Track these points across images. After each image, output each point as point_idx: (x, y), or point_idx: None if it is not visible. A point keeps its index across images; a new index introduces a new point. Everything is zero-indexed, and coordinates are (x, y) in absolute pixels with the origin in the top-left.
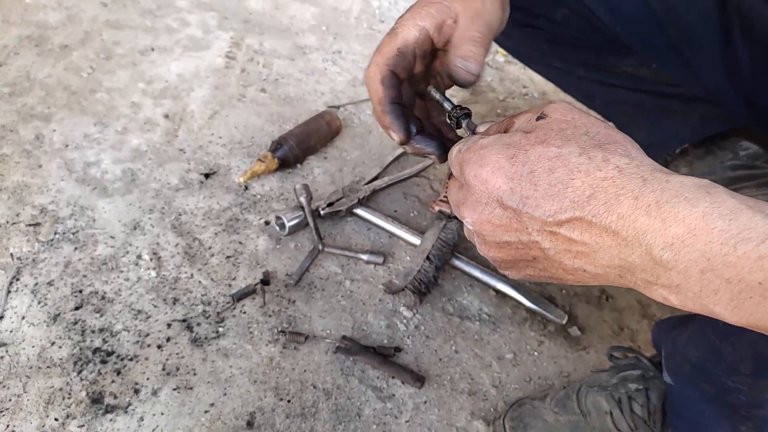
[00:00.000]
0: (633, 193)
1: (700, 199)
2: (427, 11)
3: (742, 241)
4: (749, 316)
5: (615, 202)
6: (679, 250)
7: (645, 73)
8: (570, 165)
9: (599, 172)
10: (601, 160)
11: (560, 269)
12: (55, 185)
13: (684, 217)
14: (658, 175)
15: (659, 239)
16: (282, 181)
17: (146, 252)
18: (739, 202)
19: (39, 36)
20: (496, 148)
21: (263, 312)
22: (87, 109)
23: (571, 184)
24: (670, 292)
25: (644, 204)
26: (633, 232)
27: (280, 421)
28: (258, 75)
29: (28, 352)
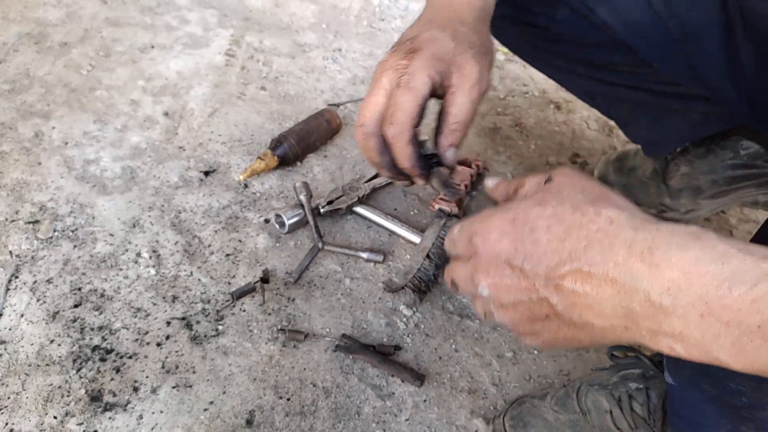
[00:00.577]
0: (626, 242)
1: (690, 244)
2: (433, 61)
3: (736, 284)
4: (753, 362)
5: (610, 252)
6: (676, 294)
7: (645, 72)
8: (565, 221)
9: (592, 225)
10: (593, 213)
11: (571, 326)
12: (55, 183)
13: (677, 261)
14: (648, 224)
15: (656, 284)
16: (282, 179)
17: (146, 250)
18: (729, 245)
19: (39, 33)
20: (499, 215)
21: (263, 310)
22: (86, 106)
23: (568, 238)
24: (675, 340)
25: (638, 251)
26: (630, 278)
27: (280, 419)
28: (258, 73)
29: (27, 350)
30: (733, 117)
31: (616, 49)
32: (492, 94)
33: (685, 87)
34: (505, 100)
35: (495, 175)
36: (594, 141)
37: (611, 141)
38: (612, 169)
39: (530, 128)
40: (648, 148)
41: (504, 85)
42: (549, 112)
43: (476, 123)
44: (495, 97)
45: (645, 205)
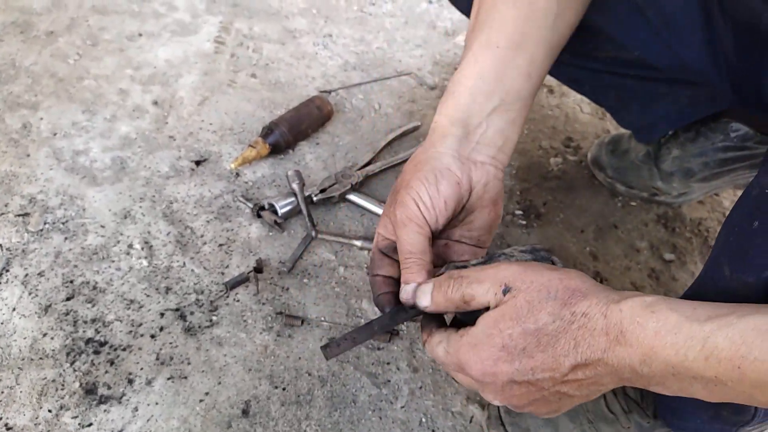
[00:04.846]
0: (603, 331)
1: (648, 320)
2: (446, 196)
3: (689, 349)
4: (722, 397)
5: (594, 343)
6: (650, 364)
7: (627, 57)
8: (550, 332)
9: (573, 326)
10: (569, 315)
11: (582, 397)
12: (44, 174)
13: (642, 339)
14: (613, 306)
15: (634, 359)
16: (274, 167)
17: (137, 241)
18: (679, 315)
19: (24, 22)
20: (486, 344)
21: (257, 300)
22: (74, 96)
23: (558, 345)
24: (662, 389)
25: (614, 336)
26: (616, 359)
27: (276, 408)
28: (248, 60)
29: (20, 344)
30: (720, 100)
31: (596, 36)
32: None
33: (669, 72)
34: None
35: None
36: (587, 124)
37: (604, 124)
38: (605, 151)
39: None
40: (639, 133)
41: None
42: (542, 96)
43: None
44: None
45: (637, 188)
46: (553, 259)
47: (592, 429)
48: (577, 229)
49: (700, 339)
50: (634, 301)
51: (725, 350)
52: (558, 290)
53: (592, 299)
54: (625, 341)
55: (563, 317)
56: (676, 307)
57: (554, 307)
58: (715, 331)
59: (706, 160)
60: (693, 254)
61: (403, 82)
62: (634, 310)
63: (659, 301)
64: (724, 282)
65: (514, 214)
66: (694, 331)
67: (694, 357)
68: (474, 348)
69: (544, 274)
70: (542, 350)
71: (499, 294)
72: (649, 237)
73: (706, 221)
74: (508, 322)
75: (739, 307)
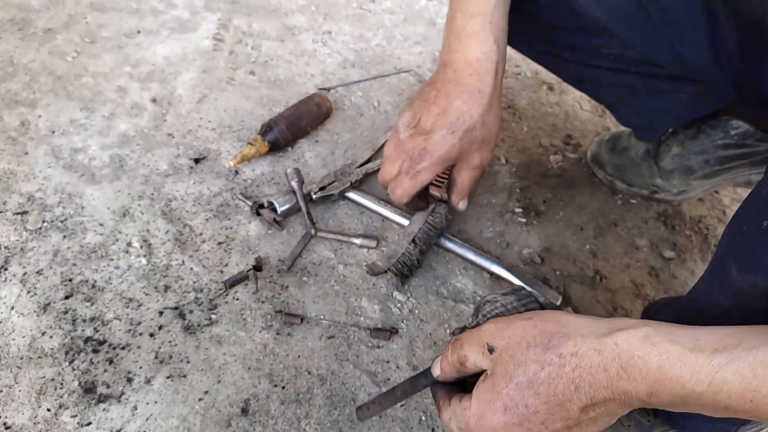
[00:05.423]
0: (601, 367)
1: (649, 354)
2: (439, 163)
3: (697, 383)
4: (736, 417)
5: (595, 382)
6: (657, 395)
7: (632, 55)
8: (543, 380)
9: (565, 369)
10: (557, 359)
11: (602, 429)
12: (42, 172)
13: (646, 373)
14: (605, 341)
15: (641, 392)
16: (273, 165)
17: (136, 239)
18: (682, 347)
19: (21, 19)
20: (489, 411)
21: (256, 298)
22: (73, 94)
23: (558, 391)
24: (675, 409)
25: (614, 373)
26: (621, 393)
27: (275, 407)
28: (247, 57)
29: (19, 343)
30: (721, 98)
31: (599, 33)
32: None
33: (671, 69)
34: None
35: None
36: (587, 122)
37: (604, 122)
38: (605, 149)
39: (523, 110)
40: (639, 131)
41: None
42: (542, 93)
43: None
44: None
45: (637, 186)
46: (535, 295)
47: None
48: (577, 226)
49: (708, 373)
50: (630, 334)
51: (736, 385)
52: (535, 337)
53: (576, 338)
54: (628, 376)
55: (551, 362)
56: (677, 339)
57: (537, 354)
58: (723, 366)
59: (706, 157)
60: (693, 252)
61: (403, 80)
62: (631, 343)
63: (655, 332)
64: (730, 282)
65: (513, 212)
66: (700, 364)
67: (703, 390)
68: (480, 419)
69: (518, 326)
70: (545, 401)
71: (486, 353)
72: (649, 235)
73: (706, 219)
74: (501, 383)
75: (742, 336)
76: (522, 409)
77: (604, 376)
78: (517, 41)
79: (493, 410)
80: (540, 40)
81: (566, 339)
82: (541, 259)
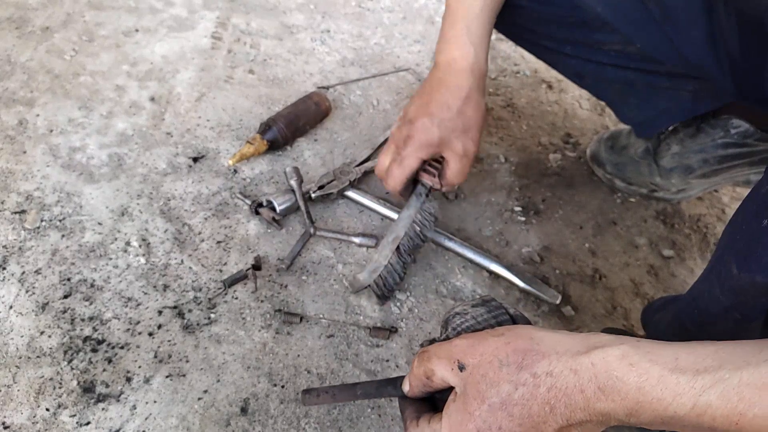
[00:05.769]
0: (578, 387)
1: (628, 375)
2: (422, 148)
3: (680, 406)
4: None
5: (571, 403)
6: (638, 416)
7: (632, 51)
8: (517, 401)
9: (540, 389)
10: (532, 378)
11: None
12: (41, 171)
13: (625, 394)
14: (582, 360)
15: (620, 413)
16: (272, 164)
17: (135, 238)
18: (661, 368)
19: (19, 17)
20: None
21: (255, 297)
22: (71, 92)
23: (533, 412)
24: (655, 428)
25: (591, 394)
26: (599, 415)
27: (275, 406)
28: (245, 56)
29: (17, 342)
30: (721, 95)
31: (600, 28)
32: None
33: (671, 65)
34: (496, 80)
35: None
36: (586, 120)
37: (603, 120)
38: (604, 147)
39: (522, 108)
40: (639, 128)
41: (495, 65)
42: (541, 92)
43: None
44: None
45: (636, 184)
46: (506, 307)
47: None
48: (576, 225)
49: (691, 396)
50: (606, 353)
51: (720, 408)
52: (507, 355)
53: (551, 357)
54: (606, 397)
55: (525, 382)
56: (656, 358)
57: (510, 374)
58: (707, 389)
59: (705, 156)
60: (692, 251)
61: (402, 78)
62: (608, 363)
63: (633, 350)
64: (731, 280)
65: (513, 211)
66: (682, 386)
67: (685, 413)
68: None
69: (490, 343)
70: (518, 423)
71: (455, 369)
72: (648, 233)
73: (705, 218)
74: (473, 403)
75: (724, 355)
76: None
77: (580, 398)
78: (519, 36)
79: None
80: (542, 35)
81: (540, 357)
82: (541, 257)
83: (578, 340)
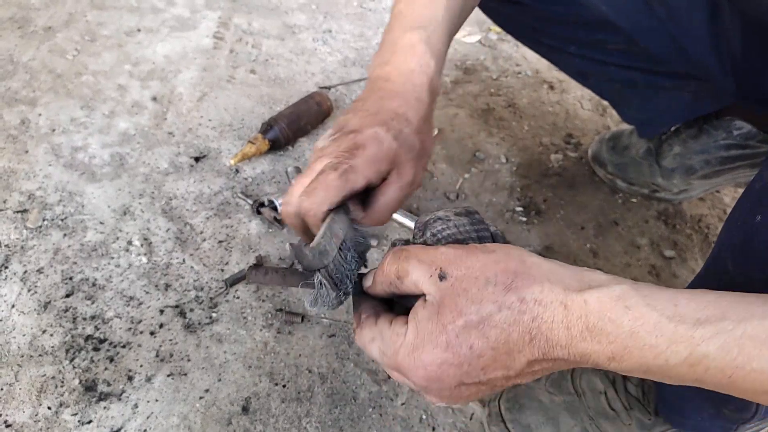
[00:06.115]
0: (564, 323)
1: (622, 318)
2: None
3: (673, 354)
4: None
5: (553, 338)
6: (620, 361)
7: (636, 50)
8: (497, 323)
9: (524, 316)
10: (518, 303)
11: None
12: (43, 171)
13: (614, 338)
14: (574, 297)
15: (601, 356)
16: (273, 164)
17: (137, 238)
18: (659, 314)
19: (22, 17)
20: (428, 344)
21: (257, 297)
22: (73, 92)
23: (510, 340)
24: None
25: (577, 332)
26: (578, 354)
27: (276, 405)
28: (247, 56)
29: (19, 341)
30: (723, 96)
31: (605, 28)
32: (485, 74)
33: (674, 66)
34: (498, 80)
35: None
36: (587, 121)
37: (605, 121)
38: (605, 148)
39: (523, 109)
40: (641, 128)
41: (497, 66)
42: (542, 92)
43: (469, 104)
44: (488, 78)
45: (638, 184)
46: (488, 224)
47: (593, 425)
48: (578, 225)
49: (687, 345)
50: (602, 293)
51: (717, 360)
52: (496, 274)
53: (544, 284)
54: (592, 338)
55: (510, 305)
56: (654, 303)
57: (496, 294)
58: (707, 340)
59: (707, 157)
60: (693, 251)
61: None
62: (602, 303)
63: (631, 293)
64: (727, 277)
65: (514, 211)
66: (680, 335)
67: (677, 362)
68: (415, 351)
69: (479, 258)
70: (492, 347)
71: (434, 277)
72: (650, 233)
73: (706, 218)
74: (448, 316)
75: (725, 305)
76: (465, 350)
77: (564, 334)
78: (523, 35)
79: (433, 344)
80: (546, 34)
81: (531, 282)
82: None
83: (573, 272)
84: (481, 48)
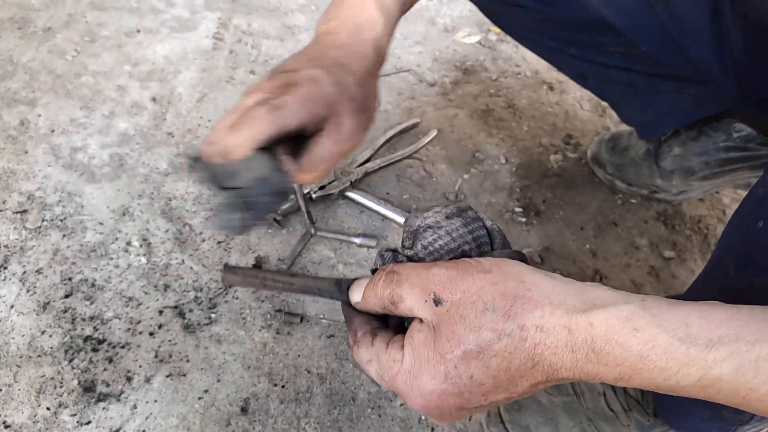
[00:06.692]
0: (567, 347)
1: (631, 341)
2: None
3: (684, 377)
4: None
5: (557, 362)
6: (628, 381)
7: (637, 53)
8: (498, 353)
9: (526, 343)
10: (518, 330)
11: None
12: (42, 171)
13: (623, 361)
14: (578, 319)
15: (608, 376)
16: None
17: (136, 238)
18: (670, 336)
19: (21, 18)
20: (427, 374)
21: (256, 297)
22: (72, 93)
23: (512, 367)
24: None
25: (582, 356)
26: (583, 374)
27: (275, 406)
28: (247, 56)
29: (18, 342)
30: (724, 100)
31: (606, 31)
32: (484, 75)
33: (675, 69)
34: (497, 81)
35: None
36: (587, 122)
37: (604, 122)
38: (605, 149)
39: (523, 109)
40: (641, 130)
41: (496, 66)
42: (542, 93)
43: (468, 104)
44: (487, 79)
45: (637, 185)
46: (482, 218)
47: (591, 427)
48: (577, 226)
49: (700, 368)
50: (609, 314)
51: (731, 382)
52: (494, 299)
53: (545, 307)
54: (598, 360)
55: (510, 333)
56: (665, 324)
57: (495, 321)
58: (720, 362)
59: (707, 159)
60: (693, 252)
61: (403, 79)
62: (609, 326)
63: (640, 313)
64: (728, 282)
65: (513, 212)
66: (692, 357)
67: (688, 384)
68: (413, 380)
69: (475, 280)
70: (493, 375)
71: (429, 302)
72: (649, 234)
73: (706, 219)
74: (446, 345)
75: (739, 323)
76: (465, 380)
77: (569, 357)
78: (523, 36)
79: (431, 374)
80: (546, 36)
81: (531, 307)
82: (541, 258)
83: (575, 290)
84: (480, 49)
